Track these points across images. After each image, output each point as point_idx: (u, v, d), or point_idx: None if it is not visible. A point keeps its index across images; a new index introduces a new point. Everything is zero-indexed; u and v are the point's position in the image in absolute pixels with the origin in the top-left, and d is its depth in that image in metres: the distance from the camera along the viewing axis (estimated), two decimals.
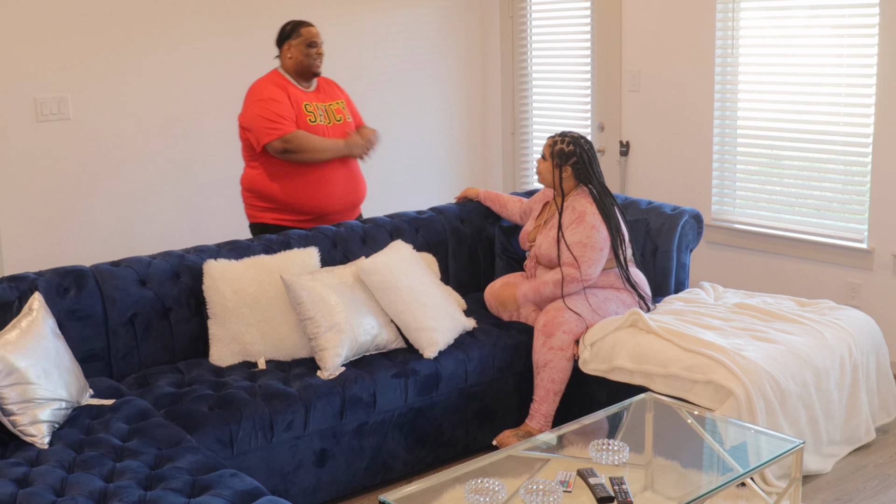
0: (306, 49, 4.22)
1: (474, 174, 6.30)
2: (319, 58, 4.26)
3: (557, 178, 3.88)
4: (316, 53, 4.24)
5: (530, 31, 6.09)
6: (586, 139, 3.92)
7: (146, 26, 4.86)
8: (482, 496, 2.59)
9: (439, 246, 4.31)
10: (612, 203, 3.87)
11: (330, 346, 3.47)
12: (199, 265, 3.67)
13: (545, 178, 3.94)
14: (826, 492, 3.46)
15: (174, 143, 5.04)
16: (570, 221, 3.83)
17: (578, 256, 3.77)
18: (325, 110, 4.28)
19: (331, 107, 4.32)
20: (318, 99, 4.31)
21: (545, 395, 3.74)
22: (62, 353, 3.05)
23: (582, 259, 3.77)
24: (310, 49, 4.22)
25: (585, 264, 3.77)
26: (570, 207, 3.86)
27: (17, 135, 4.56)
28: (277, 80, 4.25)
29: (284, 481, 3.29)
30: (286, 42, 4.25)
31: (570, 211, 3.86)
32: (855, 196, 4.62)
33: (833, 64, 4.59)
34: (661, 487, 2.93)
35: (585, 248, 3.77)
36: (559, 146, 3.88)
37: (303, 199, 4.24)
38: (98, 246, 4.79)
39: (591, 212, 3.81)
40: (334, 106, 4.34)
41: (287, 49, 4.25)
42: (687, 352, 3.47)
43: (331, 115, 4.29)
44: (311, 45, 4.23)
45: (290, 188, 4.21)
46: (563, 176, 3.88)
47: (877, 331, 3.82)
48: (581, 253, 3.77)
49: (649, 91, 5.37)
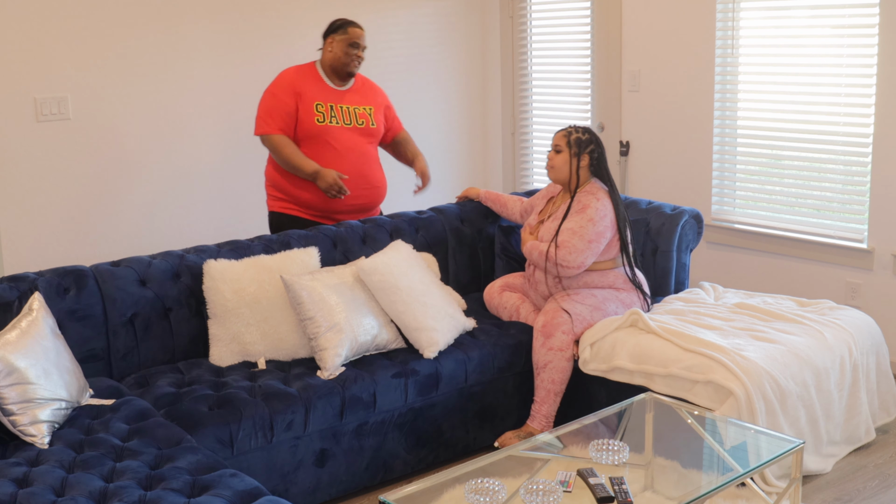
0: (347, 48, 4.27)
1: (474, 174, 6.30)
2: (358, 60, 4.31)
3: (575, 167, 3.87)
4: (356, 55, 4.29)
5: (530, 31, 6.09)
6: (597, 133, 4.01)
7: (146, 26, 4.86)
8: (482, 496, 2.59)
9: (439, 246, 4.31)
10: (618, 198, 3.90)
11: (330, 346, 3.47)
12: (199, 265, 3.67)
13: (561, 171, 3.89)
14: (826, 492, 3.46)
15: (174, 142, 5.04)
16: (574, 212, 3.83)
17: (564, 241, 3.76)
18: (346, 111, 4.29)
19: (356, 109, 4.33)
20: (346, 100, 4.31)
21: (546, 395, 3.74)
22: (62, 353, 3.05)
23: (566, 244, 3.76)
24: (350, 49, 4.27)
25: (565, 249, 3.75)
26: (577, 199, 3.86)
27: (17, 135, 4.56)
28: (302, 74, 4.31)
29: (284, 481, 3.29)
30: (331, 35, 4.31)
31: (576, 202, 3.86)
32: (855, 196, 4.62)
33: (833, 64, 4.59)
34: (661, 487, 2.93)
35: (574, 234, 3.76)
36: (575, 135, 3.88)
37: (308, 195, 4.27)
38: (98, 246, 4.79)
39: (594, 206, 3.80)
40: (360, 110, 4.34)
41: (330, 42, 4.30)
42: (687, 352, 3.47)
43: (352, 118, 4.30)
44: (354, 46, 4.28)
45: (297, 181, 4.27)
46: (580, 165, 3.87)
47: (877, 331, 3.82)
48: (568, 238, 3.76)
49: (649, 91, 5.37)
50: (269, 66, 5.34)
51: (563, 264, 3.76)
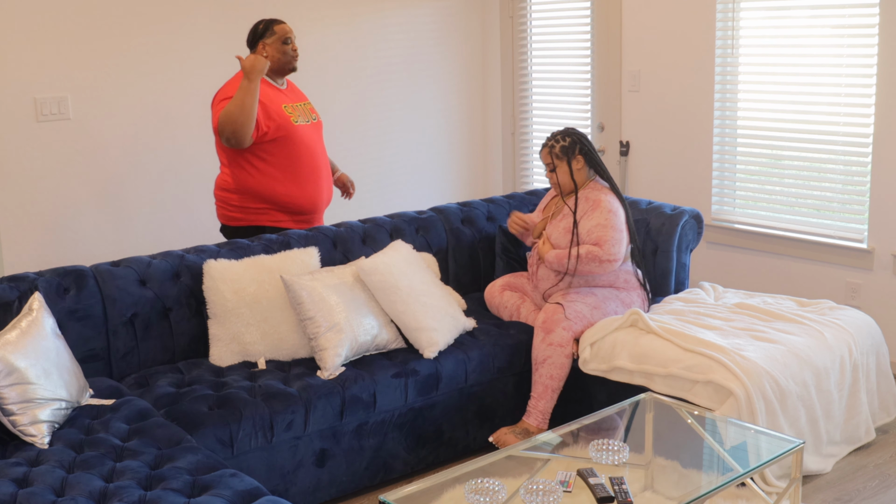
0: (282, 46, 4.14)
1: (474, 174, 6.30)
2: (295, 54, 4.19)
3: (571, 174, 3.89)
4: (291, 50, 4.17)
5: (530, 31, 6.09)
6: (573, 128, 3.97)
7: (146, 26, 4.86)
8: (482, 496, 2.59)
9: (439, 246, 4.31)
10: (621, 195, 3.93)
11: (330, 346, 3.47)
12: (199, 265, 3.67)
13: (566, 184, 3.93)
14: (826, 492, 3.45)
15: (174, 142, 5.04)
16: (585, 211, 3.84)
17: (600, 237, 3.77)
18: (301, 110, 4.22)
19: (304, 106, 4.27)
20: (292, 99, 4.24)
21: (543, 391, 3.74)
22: (62, 353, 3.05)
23: (605, 239, 3.77)
24: (285, 46, 4.15)
25: (608, 243, 3.77)
26: (584, 198, 3.87)
27: (17, 135, 4.56)
28: None
29: (284, 481, 3.29)
30: (260, 41, 4.15)
31: (583, 202, 3.87)
32: (855, 196, 4.62)
33: (833, 64, 4.59)
34: (661, 487, 2.93)
35: (606, 228, 3.79)
36: (560, 144, 3.90)
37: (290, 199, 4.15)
38: (98, 246, 4.79)
39: (605, 199, 3.84)
40: (308, 105, 4.30)
41: (262, 48, 4.13)
42: (687, 352, 3.47)
43: (307, 115, 4.24)
44: (286, 42, 4.15)
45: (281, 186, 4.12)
46: (576, 168, 3.89)
47: (877, 331, 3.82)
48: (603, 233, 3.78)
49: (649, 91, 5.37)
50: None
51: (609, 259, 3.77)
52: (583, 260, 3.78)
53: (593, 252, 3.77)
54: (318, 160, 4.22)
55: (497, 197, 4.69)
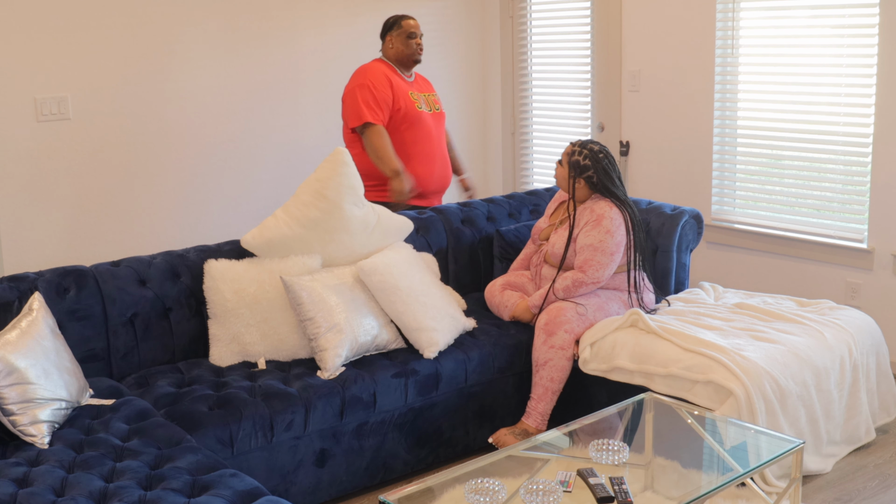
0: (406, 40, 4.54)
1: (474, 174, 6.29)
2: (420, 48, 4.57)
3: (571, 188, 3.91)
4: (416, 44, 4.55)
5: (530, 31, 6.09)
6: (606, 153, 3.88)
7: (146, 27, 4.86)
8: (482, 496, 2.59)
9: (439, 246, 4.31)
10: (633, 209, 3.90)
11: (330, 346, 3.47)
12: (200, 265, 3.67)
13: (561, 183, 3.96)
14: (826, 492, 3.46)
15: (174, 142, 5.04)
16: (587, 222, 3.83)
17: (587, 259, 3.77)
18: (425, 100, 4.58)
19: (430, 97, 4.63)
20: (420, 89, 4.60)
21: (543, 393, 3.74)
22: (62, 353, 3.05)
23: (590, 263, 3.77)
24: (410, 40, 4.54)
25: (592, 268, 3.78)
26: (589, 209, 3.86)
27: (17, 135, 4.56)
28: (385, 67, 4.53)
29: (284, 481, 3.29)
30: (388, 34, 4.59)
31: (587, 212, 3.86)
32: (855, 196, 4.62)
33: (833, 64, 4.59)
34: (661, 487, 2.93)
35: (596, 251, 3.77)
36: (576, 157, 3.88)
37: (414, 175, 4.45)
38: (98, 246, 4.79)
39: (609, 215, 3.80)
40: (432, 96, 4.66)
41: (389, 40, 4.58)
42: (687, 352, 3.47)
43: (431, 104, 4.60)
44: (411, 37, 4.54)
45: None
46: (576, 186, 3.89)
47: (877, 331, 3.83)
48: (591, 256, 3.77)
49: (649, 91, 5.37)
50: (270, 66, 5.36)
51: (593, 282, 3.80)
52: (568, 290, 3.81)
53: (578, 279, 3.79)
54: (434, 146, 4.58)
55: (497, 197, 4.69)
